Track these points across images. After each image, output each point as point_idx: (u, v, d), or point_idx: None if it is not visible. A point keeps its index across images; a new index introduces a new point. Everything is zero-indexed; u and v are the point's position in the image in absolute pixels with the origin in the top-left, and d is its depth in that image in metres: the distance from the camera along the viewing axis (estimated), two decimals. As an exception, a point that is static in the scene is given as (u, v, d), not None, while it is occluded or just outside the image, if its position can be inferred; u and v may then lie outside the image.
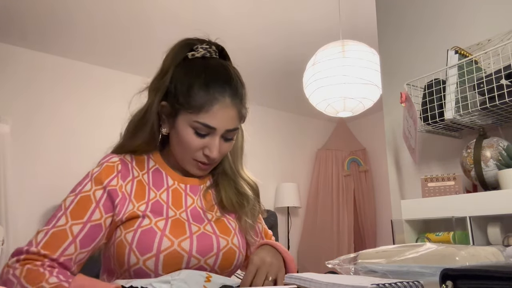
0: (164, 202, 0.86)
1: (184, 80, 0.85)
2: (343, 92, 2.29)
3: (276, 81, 3.76)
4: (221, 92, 0.83)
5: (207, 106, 0.82)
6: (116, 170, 0.85)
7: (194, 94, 0.83)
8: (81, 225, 0.78)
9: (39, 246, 0.75)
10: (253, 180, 0.99)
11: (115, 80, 3.50)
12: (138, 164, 0.90)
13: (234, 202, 0.93)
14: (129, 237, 0.79)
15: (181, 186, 0.91)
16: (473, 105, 1.25)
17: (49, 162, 3.11)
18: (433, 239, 1.20)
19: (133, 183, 0.85)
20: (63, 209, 0.80)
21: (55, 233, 0.77)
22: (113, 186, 0.82)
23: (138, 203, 0.83)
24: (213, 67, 0.87)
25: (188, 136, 0.84)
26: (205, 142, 0.85)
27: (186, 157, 0.88)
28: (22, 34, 2.94)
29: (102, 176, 0.83)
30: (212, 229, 0.87)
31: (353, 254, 0.77)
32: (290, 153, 4.48)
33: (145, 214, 0.82)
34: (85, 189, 0.81)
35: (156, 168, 0.91)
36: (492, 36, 1.43)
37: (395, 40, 1.84)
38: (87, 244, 0.78)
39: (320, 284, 0.54)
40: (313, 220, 4.34)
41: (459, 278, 0.51)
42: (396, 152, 1.75)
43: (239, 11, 2.72)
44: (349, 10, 2.66)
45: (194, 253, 0.81)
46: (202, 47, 0.89)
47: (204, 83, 0.83)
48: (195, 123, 0.83)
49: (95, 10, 2.68)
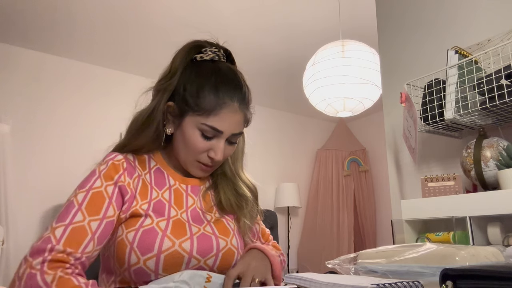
0: (166, 201, 0.86)
1: (193, 82, 0.85)
2: (343, 92, 2.29)
3: (276, 81, 3.76)
4: (231, 97, 0.85)
5: (217, 109, 0.83)
6: (122, 167, 0.84)
7: (204, 96, 0.83)
8: (98, 221, 0.76)
9: (61, 242, 0.71)
10: (252, 183, 0.99)
11: (116, 80, 3.51)
12: (140, 164, 0.90)
13: (233, 203, 0.94)
14: (130, 236, 0.79)
15: (182, 186, 0.91)
16: (473, 105, 1.25)
17: (49, 162, 3.11)
18: (433, 239, 1.20)
19: (138, 180, 0.86)
20: (77, 205, 0.77)
21: (75, 229, 0.73)
22: (122, 182, 0.82)
23: (141, 201, 0.83)
24: (223, 71, 0.88)
25: (194, 137, 0.85)
26: (211, 145, 0.86)
27: (190, 158, 0.88)
28: (23, 34, 2.94)
29: (111, 172, 0.82)
30: (212, 230, 0.87)
31: (353, 254, 0.77)
32: (290, 153, 4.48)
33: (148, 213, 0.82)
34: (96, 185, 0.80)
35: (157, 168, 0.92)
36: (492, 36, 1.43)
37: (395, 40, 1.84)
38: (102, 241, 0.77)
39: (320, 284, 0.54)
40: (313, 220, 4.34)
41: (459, 278, 0.51)
42: (396, 152, 1.75)
43: (239, 11, 2.72)
44: (349, 10, 2.66)
45: (195, 254, 0.82)
46: (211, 50, 0.90)
47: (214, 86, 0.84)
48: (203, 126, 0.84)
49: (96, 10, 2.68)
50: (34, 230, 2.98)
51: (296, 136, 4.58)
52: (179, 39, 0.95)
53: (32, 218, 2.98)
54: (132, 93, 0.93)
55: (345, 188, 4.40)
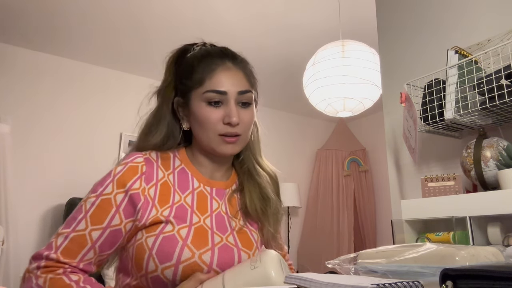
0: (188, 206, 0.84)
1: (186, 67, 0.88)
2: (343, 92, 2.29)
3: (276, 81, 3.76)
4: (220, 58, 0.87)
5: (210, 73, 0.84)
6: (140, 171, 0.82)
7: (195, 70, 0.85)
8: (101, 230, 0.77)
9: (59, 251, 0.75)
10: (273, 171, 1.01)
11: (116, 80, 3.50)
12: (164, 163, 0.87)
13: (258, 208, 0.91)
14: (150, 241, 0.78)
15: (206, 189, 0.89)
16: (473, 105, 1.25)
17: (49, 161, 3.11)
18: (433, 239, 1.20)
19: (156, 187, 0.83)
20: (84, 212, 0.78)
21: (75, 238, 0.76)
22: (135, 190, 0.80)
23: (161, 208, 0.81)
24: (209, 48, 0.91)
25: (203, 110, 0.84)
26: (222, 112, 0.84)
27: (210, 135, 0.85)
28: (22, 34, 2.94)
29: (125, 178, 0.80)
30: (235, 241, 0.85)
31: (353, 254, 0.77)
32: (290, 153, 4.48)
33: (169, 219, 0.80)
34: (107, 191, 0.79)
35: (182, 168, 0.89)
36: (492, 36, 1.43)
37: (395, 40, 1.84)
38: (106, 248, 0.78)
39: (320, 284, 0.54)
40: (313, 220, 4.34)
41: (459, 278, 0.51)
42: (396, 152, 1.75)
43: (239, 12, 2.72)
44: (349, 11, 2.66)
45: (214, 267, 0.79)
46: (198, 46, 0.93)
47: (202, 57, 0.87)
48: (205, 94, 0.84)
49: (96, 10, 2.67)
50: (34, 230, 2.98)
51: (296, 136, 4.58)
52: (179, 39, 0.96)
53: (32, 218, 2.98)
54: (131, 93, 0.94)
55: (345, 188, 4.40)
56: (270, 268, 0.69)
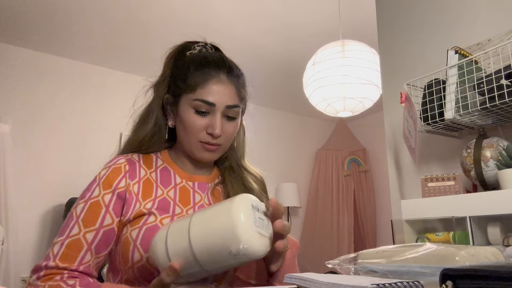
0: (171, 199, 0.86)
1: (182, 68, 0.89)
2: (343, 92, 2.29)
3: (276, 81, 3.76)
4: (216, 69, 0.87)
5: (203, 82, 0.85)
6: (124, 170, 0.85)
7: (190, 75, 0.87)
8: (94, 232, 0.79)
9: (57, 259, 0.76)
10: (258, 174, 1.00)
11: (115, 79, 3.51)
12: (146, 163, 0.90)
13: None
14: (134, 234, 0.79)
15: (189, 184, 0.91)
16: (473, 105, 1.25)
17: (49, 161, 3.11)
18: (433, 239, 1.20)
19: (139, 184, 0.86)
20: (75, 218, 0.80)
21: (70, 243, 0.77)
22: (121, 188, 0.83)
23: (144, 201, 0.83)
24: (208, 54, 0.92)
25: (190, 116, 0.86)
26: (208, 121, 0.86)
27: (192, 140, 0.87)
28: (22, 34, 2.94)
29: (111, 179, 0.83)
30: None
31: (353, 254, 0.77)
32: (290, 153, 4.48)
33: (151, 211, 0.82)
34: (94, 194, 0.82)
35: (164, 167, 0.92)
36: (492, 36, 1.43)
37: (395, 40, 1.84)
38: (102, 249, 0.80)
39: (320, 284, 0.54)
40: (313, 220, 4.34)
41: (459, 278, 0.51)
42: (396, 152, 1.75)
43: (239, 11, 2.72)
44: (349, 10, 2.66)
45: None
46: (199, 45, 0.94)
47: (200, 64, 0.88)
48: (194, 102, 0.85)
49: (96, 10, 2.67)
50: (34, 230, 2.98)
51: (296, 136, 4.58)
52: (178, 38, 0.96)
53: (32, 218, 2.98)
54: (131, 92, 0.94)
55: (345, 188, 4.40)
56: (239, 210, 0.62)
